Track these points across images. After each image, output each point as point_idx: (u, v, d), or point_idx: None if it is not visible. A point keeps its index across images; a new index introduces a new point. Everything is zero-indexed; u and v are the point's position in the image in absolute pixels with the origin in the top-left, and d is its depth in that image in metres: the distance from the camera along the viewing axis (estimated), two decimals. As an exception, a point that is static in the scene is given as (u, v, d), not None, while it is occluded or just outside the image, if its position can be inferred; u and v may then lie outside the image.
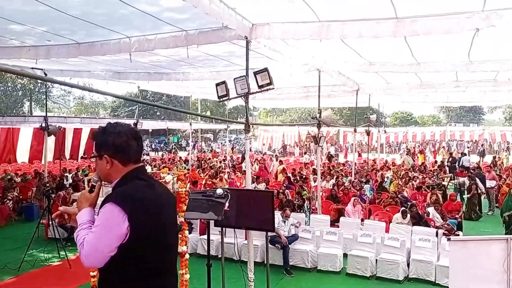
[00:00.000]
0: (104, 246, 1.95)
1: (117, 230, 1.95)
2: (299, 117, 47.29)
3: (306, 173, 15.31)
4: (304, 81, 12.36)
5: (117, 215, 1.95)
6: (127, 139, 2.13)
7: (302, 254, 7.65)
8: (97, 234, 1.97)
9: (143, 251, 2.03)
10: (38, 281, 7.11)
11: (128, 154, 2.13)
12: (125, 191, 2.09)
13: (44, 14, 5.99)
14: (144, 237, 2.01)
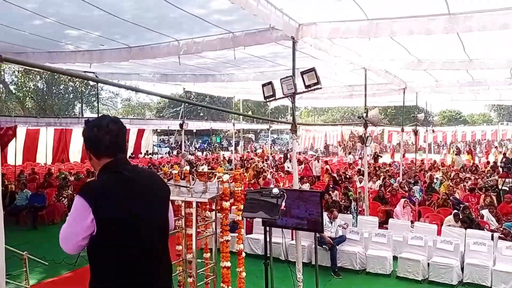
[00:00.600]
0: (72, 235, 2.03)
1: (82, 221, 1.99)
2: (342, 116, 46.58)
3: (351, 174, 15.07)
4: (349, 80, 12.18)
5: (82, 207, 1.99)
6: (97, 133, 2.13)
7: (350, 256, 7.55)
8: (67, 223, 2.07)
9: (111, 245, 2.03)
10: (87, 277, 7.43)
11: (99, 148, 2.14)
12: (91, 184, 2.22)
13: (99, 19, 6.23)
14: (110, 231, 2.01)
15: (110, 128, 2.14)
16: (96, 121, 2.19)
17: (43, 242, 9.43)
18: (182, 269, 3.96)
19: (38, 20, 6.30)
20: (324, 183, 13.42)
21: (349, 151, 28.24)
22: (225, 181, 3.48)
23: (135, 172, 2.22)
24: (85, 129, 2.19)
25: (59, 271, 7.55)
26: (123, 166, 2.17)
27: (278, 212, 2.97)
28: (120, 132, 2.18)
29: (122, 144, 2.20)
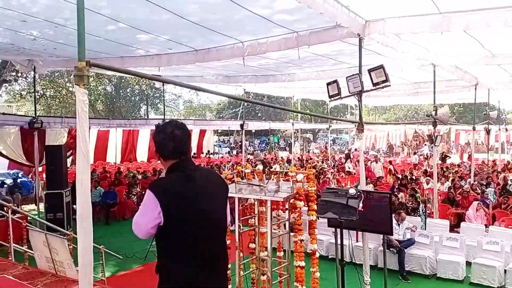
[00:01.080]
0: (142, 223, 2.31)
1: (151, 213, 2.24)
2: (405, 115, 44.85)
3: (416, 175, 14.47)
4: (415, 76, 11.72)
5: (153, 200, 2.24)
6: (162, 139, 2.38)
7: (420, 260, 7.26)
8: (139, 212, 2.36)
9: (175, 235, 2.28)
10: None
11: (164, 152, 2.40)
12: (160, 181, 2.53)
13: (167, 22, 6.46)
14: (175, 224, 2.25)
15: (174, 134, 2.38)
16: (162, 127, 2.44)
17: (115, 237, 10.00)
18: (256, 267, 4.02)
19: (111, 25, 6.64)
20: (389, 184, 13.01)
21: (414, 151, 27.12)
22: (299, 181, 3.49)
23: (197, 171, 2.46)
24: (154, 134, 2.48)
25: (130, 265, 7.95)
26: (185, 166, 2.40)
27: (356, 213, 2.92)
28: (183, 137, 2.42)
29: (185, 148, 2.43)
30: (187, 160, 2.44)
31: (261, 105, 35.14)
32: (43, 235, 4.70)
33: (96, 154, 19.26)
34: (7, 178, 15.09)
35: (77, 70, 2.63)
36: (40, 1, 5.70)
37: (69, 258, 4.53)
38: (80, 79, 2.63)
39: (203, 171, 2.56)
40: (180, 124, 2.48)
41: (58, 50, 8.48)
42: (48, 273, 4.66)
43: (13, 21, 6.48)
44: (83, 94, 2.62)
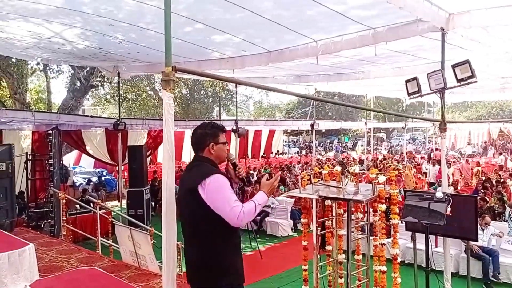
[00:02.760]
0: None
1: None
2: (489, 112, 41.71)
3: (503, 177, 13.38)
4: (502, 71, 10.85)
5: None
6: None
7: (506, 268, 6.74)
8: (231, 197, 2.64)
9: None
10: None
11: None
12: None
13: (241, 21, 6.55)
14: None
15: (193, 132, 2.93)
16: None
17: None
18: (333, 269, 3.97)
19: (189, 26, 6.89)
20: (472, 186, 12.18)
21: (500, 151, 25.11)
22: (381, 183, 3.39)
23: (189, 165, 2.94)
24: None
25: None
26: (191, 161, 2.92)
27: (443, 217, 2.77)
28: (194, 135, 2.90)
29: (194, 145, 2.89)
30: (195, 156, 2.91)
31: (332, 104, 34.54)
32: (128, 230, 5.01)
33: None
34: (93, 176, 16.32)
35: (164, 75, 2.77)
36: (125, 7, 6.10)
37: (151, 253, 4.78)
38: (167, 84, 2.76)
39: (191, 166, 2.90)
40: (200, 125, 2.95)
41: (141, 54, 9.00)
42: (131, 266, 4.97)
43: (101, 26, 7.01)
44: (169, 97, 2.76)
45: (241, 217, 2.51)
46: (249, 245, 8.90)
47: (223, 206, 2.55)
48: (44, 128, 10.62)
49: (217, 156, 2.85)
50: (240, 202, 2.59)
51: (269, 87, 7.55)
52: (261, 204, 2.64)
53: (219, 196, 2.58)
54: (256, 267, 7.85)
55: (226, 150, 2.92)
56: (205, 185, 2.60)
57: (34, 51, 9.20)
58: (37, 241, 6.24)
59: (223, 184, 2.62)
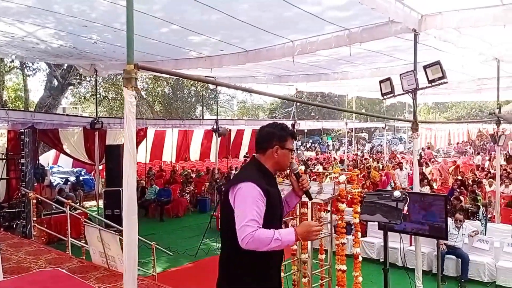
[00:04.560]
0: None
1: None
2: (468, 113, 42.49)
3: (479, 176, 13.64)
4: (478, 72, 11.03)
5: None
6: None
7: (478, 266, 6.86)
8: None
9: None
10: (212, 268, 7.84)
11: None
12: None
13: (218, 22, 6.54)
14: None
15: (260, 129, 2.65)
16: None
17: (168, 234, 10.33)
18: (297, 269, 3.97)
19: (165, 27, 6.86)
20: (448, 186, 12.37)
21: (477, 152, 25.61)
22: (341, 182, 3.39)
23: (243, 164, 2.66)
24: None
25: (181, 261, 8.16)
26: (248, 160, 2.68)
27: (400, 216, 2.79)
28: (260, 133, 2.63)
29: (258, 143, 2.60)
30: (252, 158, 2.65)
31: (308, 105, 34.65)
32: (97, 230, 4.94)
33: (152, 153, 19.97)
34: (71, 175, 16.07)
35: (125, 72, 2.72)
36: (99, 7, 6.01)
37: (120, 253, 4.72)
38: (128, 82, 2.71)
39: (241, 169, 2.76)
40: (270, 123, 2.67)
41: (117, 54, 8.90)
42: (101, 267, 4.90)
43: (74, 26, 6.90)
44: (130, 96, 2.71)
45: (246, 241, 2.21)
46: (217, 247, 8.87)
47: (237, 218, 2.30)
48: (19, 127, 10.39)
49: (279, 163, 2.54)
50: (258, 224, 2.27)
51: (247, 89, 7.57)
52: (283, 241, 2.25)
53: (240, 206, 2.33)
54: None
55: (291, 158, 2.61)
56: (235, 190, 2.38)
57: (8, 49, 9.01)
58: (6, 242, 6.11)
59: (251, 196, 2.32)
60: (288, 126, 2.63)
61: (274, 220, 2.45)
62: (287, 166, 2.58)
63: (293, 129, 2.75)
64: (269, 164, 2.53)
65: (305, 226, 2.35)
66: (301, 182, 2.59)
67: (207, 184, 14.26)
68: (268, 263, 2.46)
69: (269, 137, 2.54)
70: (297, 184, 2.61)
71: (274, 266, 2.52)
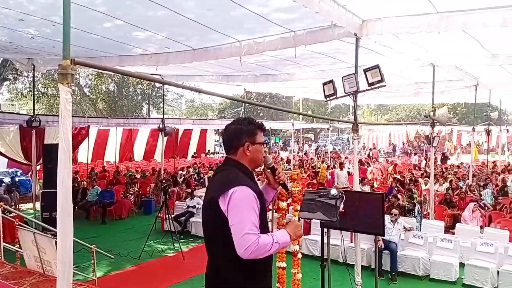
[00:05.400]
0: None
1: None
2: (407, 115, 44.74)
3: (416, 175, 14.42)
4: (416, 76, 11.66)
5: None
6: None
7: (413, 261, 7.23)
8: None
9: None
10: (156, 270, 7.72)
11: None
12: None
13: (163, 19, 6.44)
14: None
15: (226, 128, 2.48)
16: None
17: (111, 236, 10.01)
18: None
19: (108, 22, 6.63)
20: (387, 185, 12.96)
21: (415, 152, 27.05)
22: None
23: (217, 169, 2.57)
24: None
25: (124, 265, 7.92)
26: (221, 164, 2.53)
27: (336, 213, 2.90)
28: (226, 131, 2.47)
29: (227, 144, 2.45)
30: (226, 158, 2.48)
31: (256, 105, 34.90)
32: (32, 234, 4.68)
33: (94, 152, 19.24)
34: (6, 176, 15.10)
35: (61, 68, 2.60)
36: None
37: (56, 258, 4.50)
38: (64, 78, 2.59)
39: (222, 173, 2.45)
40: (233, 120, 2.53)
41: (56, 49, 8.48)
42: (35, 273, 4.65)
43: (10, 20, 6.49)
44: (66, 92, 2.59)
45: (250, 250, 2.09)
46: (171, 247, 8.74)
47: (236, 228, 2.14)
48: None
49: (253, 159, 2.41)
50: (258, 229, 2.16)
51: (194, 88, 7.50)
52: (280, 244, 2.21)
53: (237, 214, 2.16)
54: (178, 268, 7.74)
55: (264, 152, 2.48)
56: (228, 197, 2.19)
57: None
58: None
59: (247, 201, 2.19)
60: (255, 119, 2.52)
61: (266, 223, 2.36)
62: (262, 160, 2.46)
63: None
64: (245, 162, 2.40)
65: (294, 225, 2.36)
66: (278, 175, 2.51)
67: (152, 185, 13.96)
68: (266, 265, 2.37)
69: (237, 134, 2.40)
70: (273, 178, 2.53)
71: (270, 268, 2.45)
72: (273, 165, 2.52)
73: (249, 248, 2.09)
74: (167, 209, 9.01)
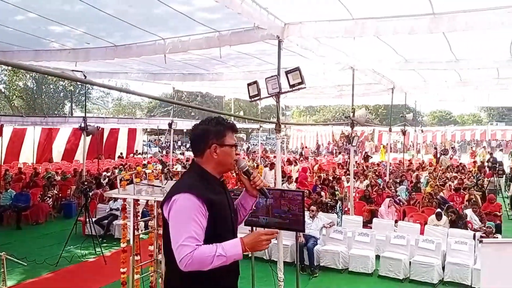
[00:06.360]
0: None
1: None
2: (333, 116, 46.75)
3: (339, 174, 15.11)
4: (338, 79, 12.20)
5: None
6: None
7: (333, 255, 7.57)
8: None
9: None
10: (74, 277, 7.35)
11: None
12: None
13: (81, 13, 6.16)
14: None
15: (193, 128, 2.32)
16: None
17: (26, 243, 9.37)
18: (154, 270, 3.92)
19: (20, 15, 6.22)
20: (313, 183, 13.44)
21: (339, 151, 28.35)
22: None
23: (182, 175, 2.38)
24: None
25: (39, 272, 7.45)
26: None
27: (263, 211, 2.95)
28: (193, 132, 2.29)
29: (193, 146, 2.29)
30: (192, 161, 2.33)
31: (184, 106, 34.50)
32: None
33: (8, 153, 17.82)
34: None
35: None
36: None
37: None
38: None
39: (181, 178, 2.34)
40: (202, 120, 2.33)
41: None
42: None
43: None
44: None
45: (185, 263, 1.94)
46: (93, 251, 8.36)
47: (173, 238, 2.00)
48: None
49: (220, 163, 2.23)
50: (198, 241, 1.98)
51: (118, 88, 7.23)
52: (228, 256, 1.99)
53: (175, 223, 2.02)
54: (98, 274, 7.44)
55: (235, 155, 2.29)
56: (169, 204, 2.07)
57: None
58: None
59: (187, 209, 2.02)
60: (226, 119, 2.34)
61: (226, 233, 2.16)
62: (233, 164, 2.27)
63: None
64: (210, 167, 2.22)
65: (253, 235, 2.12)
66: (253, 180, 2.31)
67: (73, 187, 13.24)
68: (219, 284, 2.15)
69: (204, 135, 2.23)
70: (249, 183, 2.32)
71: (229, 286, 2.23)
72: (247, 168, 2.32)
73: (183, 261, 1.95)
74: (88, 212, 8.61)
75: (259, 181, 2.31)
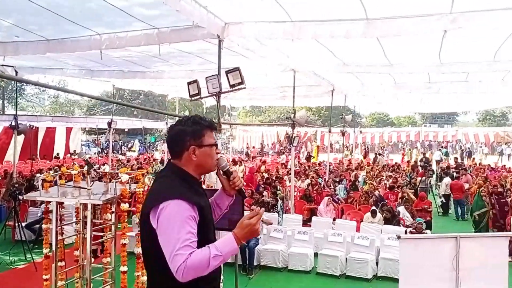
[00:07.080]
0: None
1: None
2: (278, 117, 47.42)
3: (282, 173, 15.35)
4: (281, 81, 12.37)
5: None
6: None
7: (274, 254, 7.65)
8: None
9: None
10: (2, 285, 6.92)
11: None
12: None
13: (9, 4, 5.84)
14: None
15: (169, 129, 2.19)
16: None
17: None
18: (79, 276, 3.74)
19: None
20: (256, 183, 13.54)
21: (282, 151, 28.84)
22: (124, 182, 3.33)
23: (157, 176, 2.31)
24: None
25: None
26: (161, 170, 2.31)
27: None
28: (169, 134, 2.17)
29: (170, 148, 2.15)
30: (168, 163, 2.20)
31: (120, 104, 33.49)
32: None
33: None
34: None
35: None
36: None
37: None
38: None
39: (158, 182, 2.19)
40: (176, 122, 2.20)
41: None
42: None
43: None
44: None
45: (181, 273, 1.81)
46: (23, 258, 7.88)
47: (166, 247, 1.87)
48: None
49: (200, 164, 2.11)
50: (192, 247, 1.87)
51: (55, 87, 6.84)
52: (224, 255, 1.89)
53: (166, 232, 1.89)
54: (29, 281, 7.03)
55: (216, 154, 2.16)
56: (157, 212, 1.92)
57: None
58: None
59: (180, 217, 1.90)
60: (204, 117, 2.20)
61: (209, 235, 2.08)
62: (214, 165, 2.16)
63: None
64: (190, 169, 2.11)
65: (244, 225, 1.98)
66: (233, 180, 2.22)
67: (3, 190, 12.39)
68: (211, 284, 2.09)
69: (180, 137, 2.10)
70: (228, 183, 2.23)
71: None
72: (228, 168, 2.23)
73: (178, 271, 1.82)
74: (17, 216, 8.09)
75: (238, 182, 2.25)
